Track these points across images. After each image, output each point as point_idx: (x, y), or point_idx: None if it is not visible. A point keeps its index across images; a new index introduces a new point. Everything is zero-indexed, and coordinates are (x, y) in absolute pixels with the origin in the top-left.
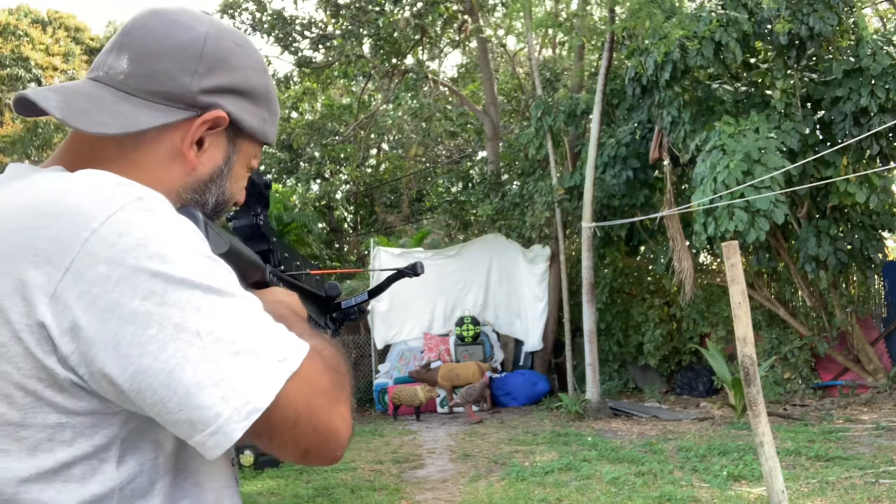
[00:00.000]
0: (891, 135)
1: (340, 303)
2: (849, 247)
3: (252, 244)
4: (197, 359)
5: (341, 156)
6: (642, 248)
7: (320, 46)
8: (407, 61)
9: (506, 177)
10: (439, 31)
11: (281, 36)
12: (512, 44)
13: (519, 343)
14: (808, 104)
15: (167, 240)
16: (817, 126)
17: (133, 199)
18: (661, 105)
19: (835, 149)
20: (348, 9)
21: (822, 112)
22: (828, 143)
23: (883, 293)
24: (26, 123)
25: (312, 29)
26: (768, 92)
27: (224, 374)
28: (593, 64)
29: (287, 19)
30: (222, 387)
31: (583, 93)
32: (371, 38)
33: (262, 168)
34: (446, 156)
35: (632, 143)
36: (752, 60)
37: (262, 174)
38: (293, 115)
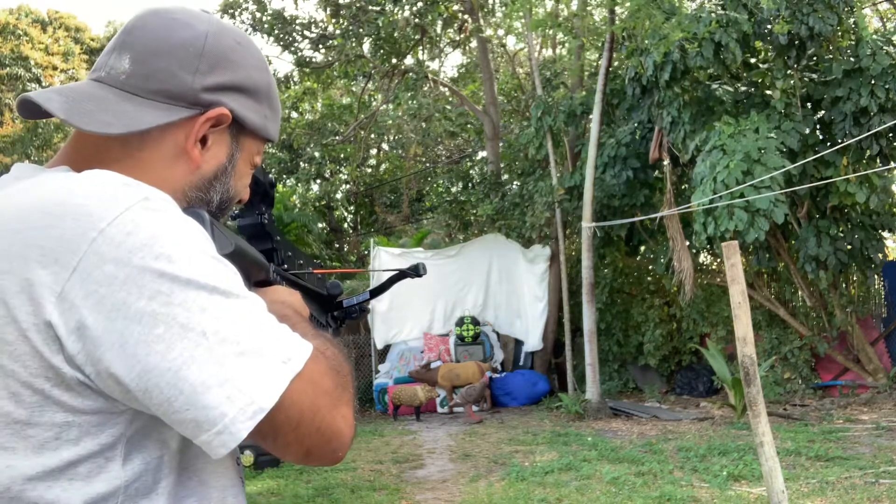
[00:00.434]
0: (891, 135)
1: (342, 301)
2: (849, 247)
3: (256, 242)
4: (203, 359)
5: (341, 156)
6: (642, 248)
7: (320, 46)
8: (407, 61)
9: (506, 177)
10: (439, 31)
11: (281, 36)
12: (512, 44)
13: (519, 343)
14: (808, 104)
15: (174, 240)
16: (817, 126)
17: (140, 199)
18: (661, 105)
19: (835, 149)
20: (348, 9)
21: (822, 112)
22: (828, 143)
23: (883, 293)
24: (26, 124)
25: (312, 29)
26: (768, 92)
27: (229, 374)
28: (593, 64)
29: (287, 19)
30: (227, 387)
31: (580, 91)
32: (371, 38)
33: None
34: (446, 156)
35: (632, 143)
36: (752, 60)
37: (266, 173)
38: (293, 115)
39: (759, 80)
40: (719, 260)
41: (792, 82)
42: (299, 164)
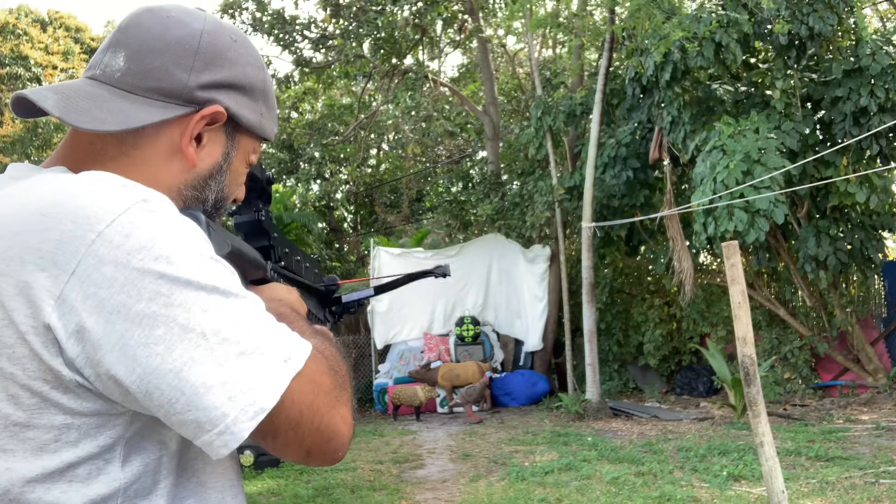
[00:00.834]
0: (891, 135)
1: (340, 296)
2: (849, 247)
3: (253, 240)
4: (203, 359)
5: (341, 156)
6: (642, 248)
7: (320, 46)
8: (407, 61)
9: (506, 177)
10: (439, 31)
11: (281, 36)
12: (512, 44)
13: (519, 343)
14: (808, 104)
15: (172, 241)
16: (817, 126)
17: (138, 200)
18: (661, 105)
19: (835, 149)
20: (348, 9)
21: (822, 112)
22: (828, 143)
23: (883, 293)
24: (26, 123)
25: (312, 29)
26: (768, 92)
27: (230, 374)
28: (593, 64)
29: (287, 19)
30: (228, 387)
31: (580, 91)
32: (371, 38)
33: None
34: (446, 156)
35: (632, 143)
36: (752, 61)
37: (264, 170)
38: (293, 115)
39: (759, 80)
40: (719, 260)
41: (792, 82)
42: (299, 165)
